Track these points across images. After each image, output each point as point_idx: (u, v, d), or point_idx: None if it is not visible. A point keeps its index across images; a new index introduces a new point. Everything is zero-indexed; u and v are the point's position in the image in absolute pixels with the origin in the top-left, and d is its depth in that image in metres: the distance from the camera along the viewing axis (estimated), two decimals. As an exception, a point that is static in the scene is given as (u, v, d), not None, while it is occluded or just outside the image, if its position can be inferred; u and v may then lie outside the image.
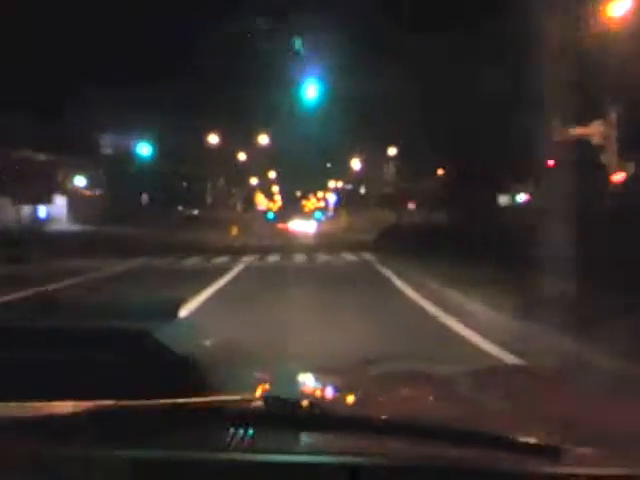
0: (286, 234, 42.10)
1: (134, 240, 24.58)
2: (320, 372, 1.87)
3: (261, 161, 50.28)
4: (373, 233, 35.20)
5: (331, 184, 67.39)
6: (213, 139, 35.00)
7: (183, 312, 1.63)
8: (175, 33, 32.07)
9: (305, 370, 1.89)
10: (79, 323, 1.42)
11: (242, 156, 50.32)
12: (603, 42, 12.27)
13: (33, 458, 1.08)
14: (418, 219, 38.61)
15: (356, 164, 48.85)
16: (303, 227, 52.80)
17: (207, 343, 1.86)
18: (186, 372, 1.30)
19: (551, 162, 9.90)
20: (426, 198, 44.14)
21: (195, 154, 35.34)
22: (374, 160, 48.35)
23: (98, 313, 1.59)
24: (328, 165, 57.10)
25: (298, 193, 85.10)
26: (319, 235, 41.32)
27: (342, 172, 57.08)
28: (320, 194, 78.22)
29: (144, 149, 30.12)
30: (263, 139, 38.44)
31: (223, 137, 35.34)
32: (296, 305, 9.83)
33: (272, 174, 61.57)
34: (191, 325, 1.86)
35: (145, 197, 37.29)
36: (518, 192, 35.07)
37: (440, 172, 44.48)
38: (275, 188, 76.93)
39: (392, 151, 43.94)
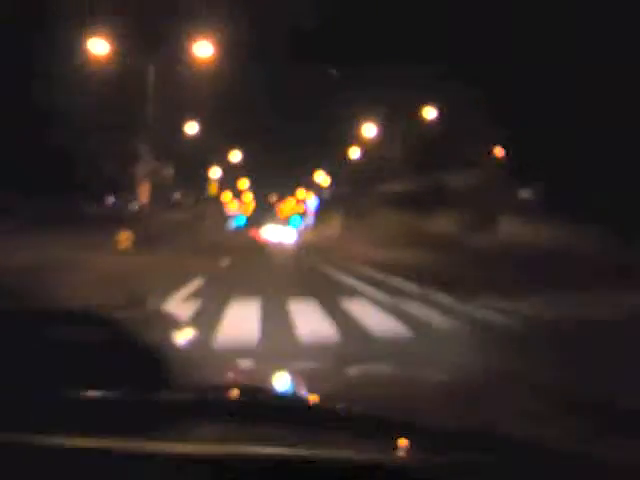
0: (253, 249, 26.03)
1: None
2: (295, 370, 1.75)
3: (216, 136, 33.98)
4: (409, 251, 19.06)
5: (318, 177, 50.83)
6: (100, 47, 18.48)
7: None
8: None
9: (279, 368, 1.74)
10: (48, 306, 1.38)
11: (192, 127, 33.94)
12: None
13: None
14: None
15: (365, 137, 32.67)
16: (279, 236, 37.66)
17: (175, 332, 1.71)
18: (155, 360, 1.24)
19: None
20: (467, 198, 27.79)
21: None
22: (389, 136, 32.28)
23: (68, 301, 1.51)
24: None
25: (274, 197, 69.71)
26: (310, 250, 25.20)
27: (338, 157, 40.83)
28: (301, 194, 61.89)
29: None
30: (202, 49, 21.15)
31: (115, 45, 18.94)
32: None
33: (236, 156, 44.47)
34: (159, 314, 1.72)
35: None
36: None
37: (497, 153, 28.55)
38: (241, 184, 60.23)
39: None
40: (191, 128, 33.42)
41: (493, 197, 26.54)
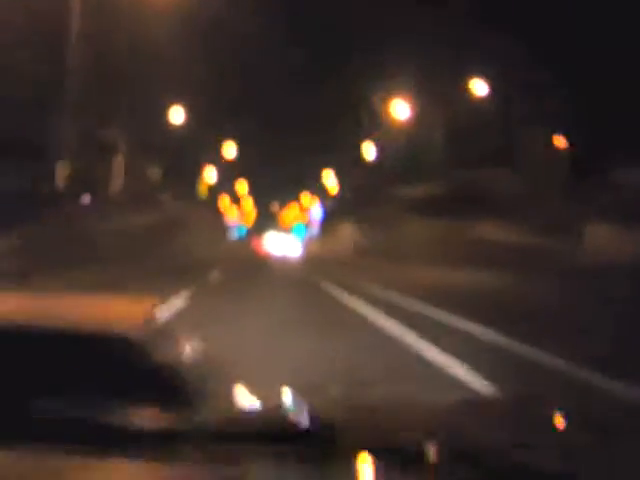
0: (245, 269, 20.02)
1: None
2: (305, 390, 1.63)
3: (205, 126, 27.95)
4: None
5: (325, 179, 44.69)
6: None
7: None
8: None
9: (289, 388, 1.60)
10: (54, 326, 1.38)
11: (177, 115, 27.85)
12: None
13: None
14: None
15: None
16: (282, 248, 31.86)
17: (183, 349, 1.65)
18: (162, 379, 1.24)
19: None
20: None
21: None
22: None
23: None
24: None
25: (276, 206, 64.46)
26: (322, 267, 19.16)
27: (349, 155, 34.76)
28: (306, 200, 55.95)
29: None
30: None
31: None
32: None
33: (231, 150, 38.16)
34: (166, 331, 1.66)
35: None
36: None
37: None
38: (240, 187, 54.26)
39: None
40: (177, 113, 27.37)
41: (563, 197, 20.38)
